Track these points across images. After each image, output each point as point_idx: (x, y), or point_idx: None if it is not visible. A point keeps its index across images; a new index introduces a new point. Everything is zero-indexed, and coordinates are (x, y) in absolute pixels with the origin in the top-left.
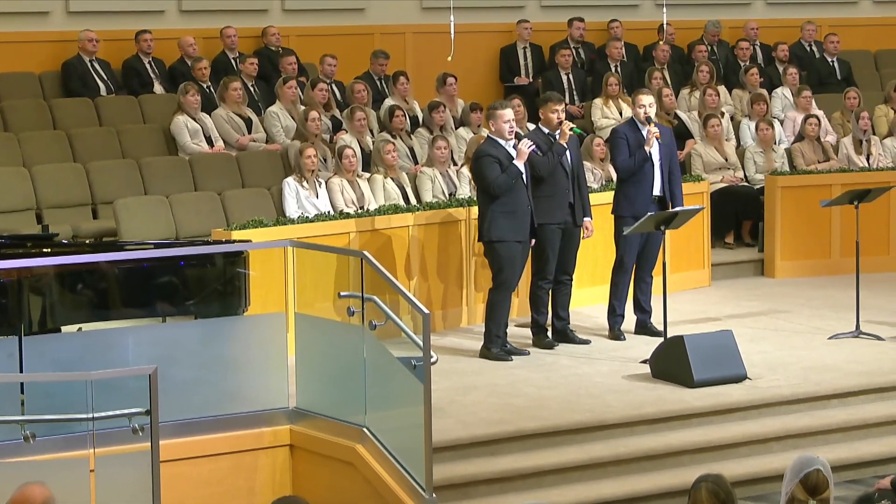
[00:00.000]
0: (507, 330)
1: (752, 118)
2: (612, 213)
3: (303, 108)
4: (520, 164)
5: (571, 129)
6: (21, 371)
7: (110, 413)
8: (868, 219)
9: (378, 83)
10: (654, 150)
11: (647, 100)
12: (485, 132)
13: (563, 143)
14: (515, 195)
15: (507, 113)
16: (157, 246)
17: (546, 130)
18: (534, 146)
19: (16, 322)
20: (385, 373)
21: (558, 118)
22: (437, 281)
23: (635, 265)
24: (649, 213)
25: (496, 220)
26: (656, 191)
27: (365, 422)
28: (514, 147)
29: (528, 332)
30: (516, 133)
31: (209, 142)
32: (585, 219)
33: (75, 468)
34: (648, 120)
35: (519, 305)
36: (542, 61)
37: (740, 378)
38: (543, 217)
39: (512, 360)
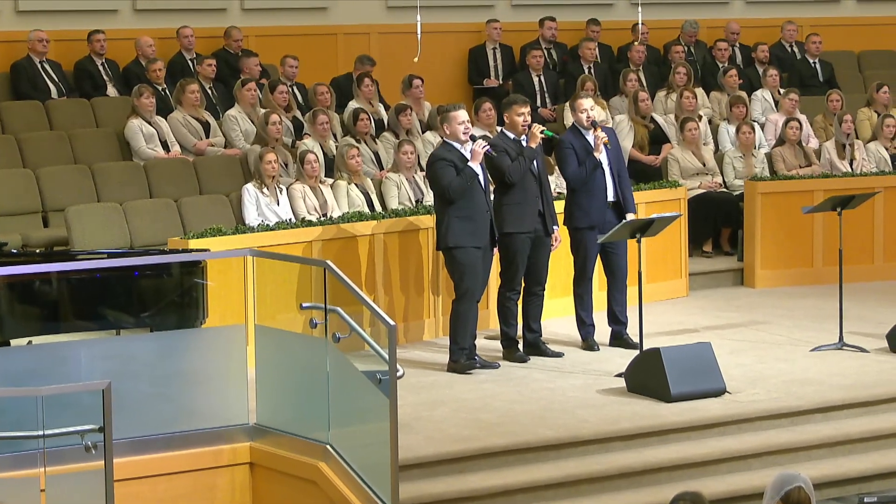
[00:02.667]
0: (477, 343)
1: (730, 121)
2: (564, 224)
3: (263, 111)
4: (474, 165)
5: (542, 132)
6: None
7: (62, 430)
8: (851, 226)
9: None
10: (601, 154)
11: (587, 103)
12: None
13: (533, 147)
14: (472, 199)
15: (461, 114)
16: (111, 255)
17: (511, 135)
18: (488, 146)
19: None
20: (349, 387)
21: (524, 121)
22: (402, 291)
23: (607, 276)
24: (624, 221)
25: (453, 225)
26: (610, 196)
27: (328, 438)
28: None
29: (498, 344)
30: (471, 135)
31: (165, 146)
32: (555, 227)
33: (25, 487)
34: (594, 124)
35: (489, 317)
36: (513, 63)
37: (719, 392)
38: (513, 225)
39: (479, 368)
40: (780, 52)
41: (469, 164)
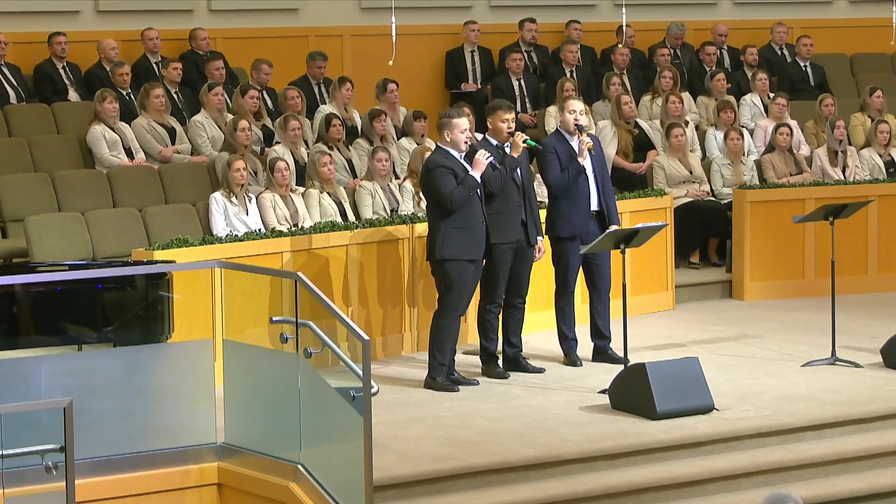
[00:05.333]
0: (455, 358)
1: (718, 127)
2: (546, 234)
3: (231, 116)
4: (477, 175)
5: (525, 142)
6: None
7: (21, 450)
8: (844, 236)
9: (316, 88)
10: (586, 161)
11: (577, 106)
12: (429, 142)
13: (515, 156)
14: (470, 210)
15: (463, 122)
16: (73, 267)
17: (495, 142)
18: (491, 157)
19: None
20: (321, 405)
21: (508, 128)
22: (378, 305)
23: (590, 288)
24: (608, 231)
25: (450, 236)
26: (593, 206)
27: (300, 458)
28: (465, 159)
29: (477, 360)
30: (470, 145)
31: (129, 154)
32: (539, 238)
33: None
34: (580, 129)
35: (467, 331)
36: (492, 66)
37: (707, 409)
38: (495, 236)
39: (459, 390)
40: (769, 55)
41: (471, 173)
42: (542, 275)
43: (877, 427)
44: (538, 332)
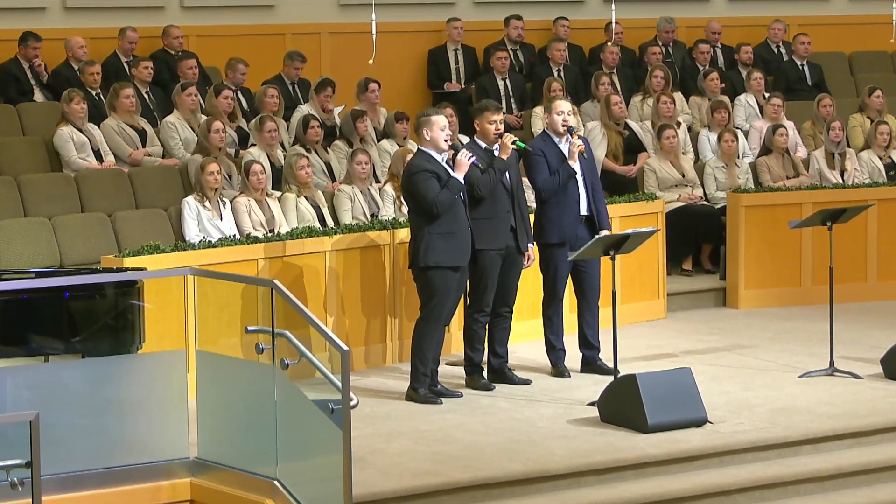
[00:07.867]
0: (438, 369)
1: (712, 129)
2: (534, 239)
3: (204, 117)
4: (460, 176)
5: (514, 143)
6: None
7: None
8: (842, 242)
9: (291, 88)
10: (575, 164)
11: (565, 107)
12: (411, 144)
13: (504, 158)
14: (455, 214)
15: (442, 120)
16: (39, 275)
17: (483, 144)
18: (474, 158)
19: None
20: (299, 418)
21: (496, 129)
22: (359, 314)
23: (578, 296)
24: (597, 237)
25: (434, 243)
26: (583, 210)
27: (276, 473)
28: (448, 161)
29: (461, 370)
30: (451, 144)
31: (98, 156)
32: (529, 245)
33: None
34: (570, 131)
35: (451, 341)
36: (476, 65)
37: (700, 422)
38: (483, 242)
39: (442, 402)
40: (765, 54)
41: (454, 175)
42: (528, 282)
43: (876, 440)
44: (525, 341)
